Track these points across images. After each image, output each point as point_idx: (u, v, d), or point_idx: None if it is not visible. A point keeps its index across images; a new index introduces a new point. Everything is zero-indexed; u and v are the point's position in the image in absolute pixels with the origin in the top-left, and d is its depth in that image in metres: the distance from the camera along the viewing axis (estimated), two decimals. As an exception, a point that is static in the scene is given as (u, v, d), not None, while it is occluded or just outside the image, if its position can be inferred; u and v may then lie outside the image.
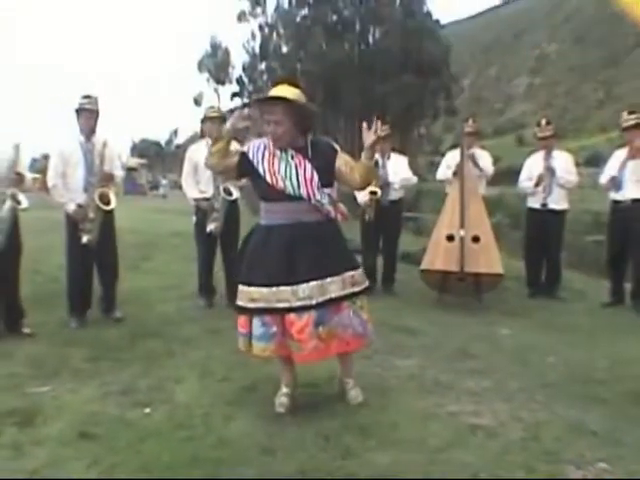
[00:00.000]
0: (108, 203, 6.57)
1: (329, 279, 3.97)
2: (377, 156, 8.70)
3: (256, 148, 4.13)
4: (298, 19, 49.41)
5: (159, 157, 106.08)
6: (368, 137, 4.00)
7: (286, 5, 50.39)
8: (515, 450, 3.58)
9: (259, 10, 52.15)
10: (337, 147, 4.26)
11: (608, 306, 8.25)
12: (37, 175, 6.91)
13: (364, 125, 4.08)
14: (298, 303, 3.90)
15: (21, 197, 5.96)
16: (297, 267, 3.94)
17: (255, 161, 4.08)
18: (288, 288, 3.92)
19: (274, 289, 3.94)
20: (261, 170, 4.04)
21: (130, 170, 40.31)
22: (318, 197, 4.02)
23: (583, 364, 5.50)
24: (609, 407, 4.43)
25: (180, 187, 9.08)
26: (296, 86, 4.09)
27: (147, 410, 4.15)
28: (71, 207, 6.47)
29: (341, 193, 5.80)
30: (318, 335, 3.90)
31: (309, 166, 4.01)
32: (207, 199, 7.32)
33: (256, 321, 4.02)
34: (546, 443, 3.69)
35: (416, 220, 22.35)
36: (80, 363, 5.21)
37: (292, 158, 4.03)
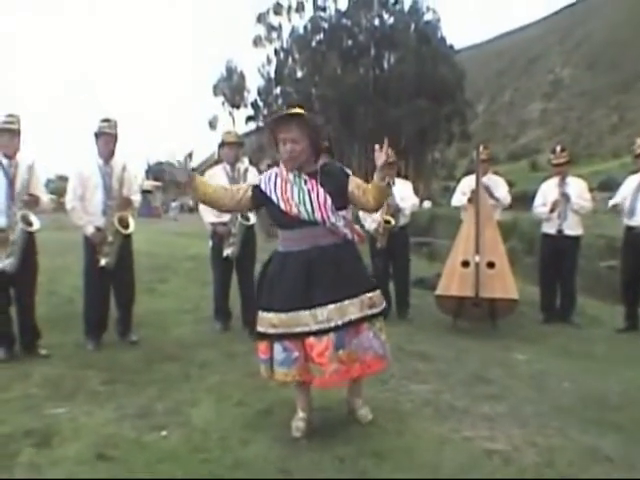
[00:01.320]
0: (127, 227, 6.61)
1: (347, 301, 3.97)
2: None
3: (267, 179, 4.17)
4: (313, 44, 49.76)
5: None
6: (379, 158, 3.99)
7: (301, 30, 50.77)
8: (530, 475, 3.58)
9: (275, 35, 52.60)
10: (349, 171, 4.29)
11: (623, 332, 8.22)
12: (53, 196, 6.95)
13: (376, 146, 4.09)
14: (317, 327, 3.91)
15: (33, 218, 6.01)
16: (315, 291, 3.95)
17: (268, 191, 4.11)
18: (307, 312, 3.93)
19: (293, 314, 3.95)
20: (274, 198, 4.07)
21: (145, 193, 40.47)
22: (333, 220, 4.03)
23: (598, 390, 5.48)
24: (623, 432, 4.41)
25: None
26: (309, 111, 4.15)
27: (164, 433, 4.16)
28: (90, 230, 6.51)
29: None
30: (339, 358, 3.90)
31: (322, 190, 4.02)
32: (224, 223, 7.34)
33: (277, 346, 4.01)
34: (561, 468, 3.68)
35: (430, 245, 22.33)
36: (96, 385, 5.24)
37: (305, 183, 4.06)
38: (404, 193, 8.74)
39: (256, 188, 4.19)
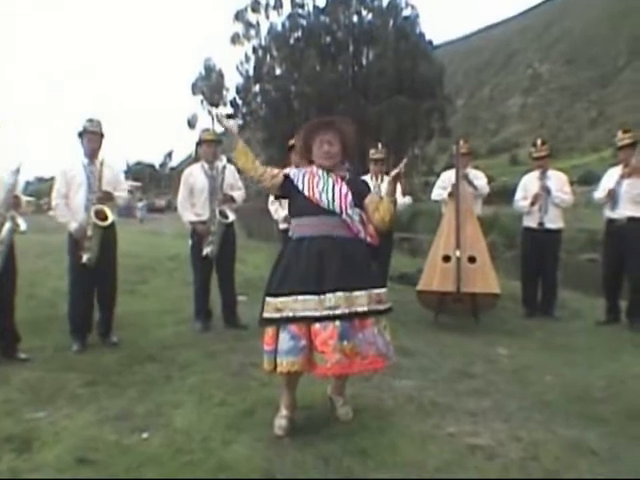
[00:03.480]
0: (105, 219, 6.56)
1: (356, 292, 4.01)
2: (373, 178, 8.77)
3: (297, 172, 4.36)
4: (292, 41, 49.60)
5: (153, 180, 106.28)
6: (392, 171, 4.26)
7: (280, 27, 50.59)
8: (515, 470, 3.58)
9: (253, 32, 52.28)
10: (370, 185, 4.62)
11: (604, 324, 8.27)
12: (31, 198, 6.90)
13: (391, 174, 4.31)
14: (324, 312, 3.92)
15: (20, 220, 5.96)
16: (325, 277, 3.99)
17: (296, 180, 4.28)
18: (315, 297, 3.95)
19: (300, 297, 3.96)
20: (300, 185, 4.24)
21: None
22: (350, 212, 4.17)
23: (581, 383, 5.49)
24: (608, 425, 4.41)
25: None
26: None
27: (145, 435, 4.12)
28: (73, 226, 6.48)
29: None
30: (342, 349, 3.90)
31: (345, 187, 4.23)
32: (203, 222, 7.31)
33: (284, 335, 3.98)
34: (546, 462, 3.69)
35: (411, 240, 22.36)
36: (77, 388, 5.17)
37: (330, 178, 4.26)
38: None
39: (286, 177, 4.32)
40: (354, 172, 4.48)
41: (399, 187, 9.03)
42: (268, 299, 4.10)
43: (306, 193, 4.19)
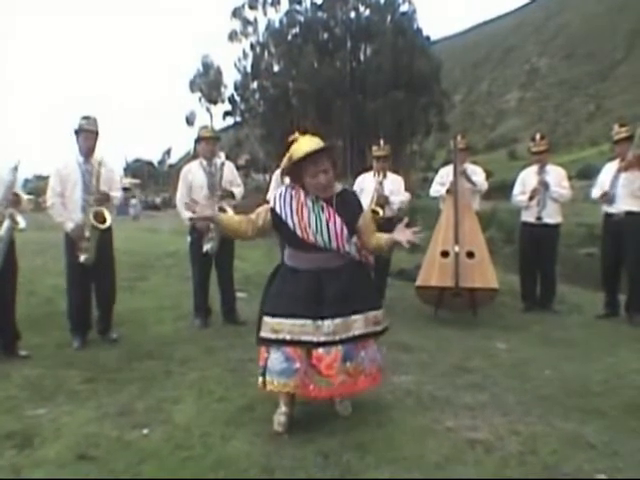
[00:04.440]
0: (103, 222, 6.56)
1: (353, 316, 4.02)
2: (376, 175, 8.77)
3: (282, 200, 4.12)
4: (289, 38, 49.61)
5: (152, 177, 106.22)
6: (401, 235, 4.05)
7: (277, 24, 50.58)
8: (513, 464, 3.58)
9: (250, 29, 52.31)
10: (363, 205, 4.35)
11: (602, 318, 8.27)
12: (31, 196, 6.89)
13: (401, 226, 4.13)
14: (322, 338, 3.92)
15: (19, 218, 5.96)
16: (323, 302, 3.97)
17: (283, 215, 4.07)
18: (312, 322, 3.94)
19: (298, 321, 3.95)
20: (291, 224, 4.04)
21: (124, 190, 40.17)
22: (347, 249, 4.09)
23: (579, 377, 5.50)
24: (606, 419, 4.42)
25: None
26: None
27: (145, 431, 4.12)
28: (69, 226, 6.47)
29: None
30: (346, 370, 3.96)
31: (339, 220, 4.03)
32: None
33: (277, 355, 3.98)
34: (544, 456, 3.69)
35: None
36: (77, 385, 5.18)
37: (322, 211, 4.04)
38: (394, 187, 8.76)
39: (273, 212, 4.13)
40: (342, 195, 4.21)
41: (402, 184, 9.10)
42: (265, 318, 4.08)
43: (299, 234, 4.03)
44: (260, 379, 4.10)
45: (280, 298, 4.07)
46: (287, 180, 4.18)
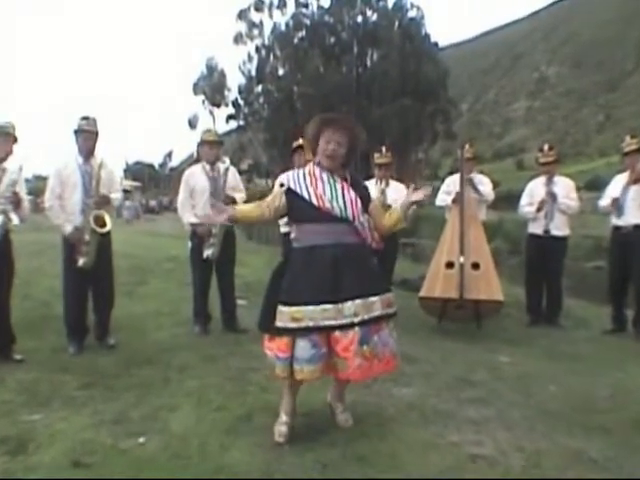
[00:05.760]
0: (103, 225, 6.50)
1: (372, 298, 4.03)
2: (378, 183, 8.71)
3: (296, 177, 4.23)
4: (295, 41, 49.52)
5: (153, 180, 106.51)
6: (415, 195, 4.27)
7: (283, 27, 50.53)
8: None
9: (256, 32, 52.23)
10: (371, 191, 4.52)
11: (609, 333, 8.20)
12: (30, 197, 6.85)
13: (412, 186, 4.40)
14: (344, 321, 3.93)
15: (12, 215, 5.91)
16: (342, 285, 3.98)
17: (298, 189, 4.16)
18: (333, 306, 3.94)
19: (319, 307, 3.94)
20: (306, 195, 4.13)
21: (124, 193, 40.10)
22: (362, 220, 4.17)
23: (585, 392, 5.45)
24: (611, 436, 4.38)
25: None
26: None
27: (141, 439, 4.08)
28: (68, 229, 6.41)
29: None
30: (362, 353, 3.94)
31: (353, 192, 4.17)
32: (204, 224, 7.23)
33: (304, 343, 3.96)
34: (547, 472, 3.67)
35: (414, 246, 22.31)
36: (73, 391, 5.13)
37: (337, 182, 4.17)
38: (397, 195, 8.68)
39: (288, 190, 4.20)
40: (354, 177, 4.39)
41: (405, 190, 9.01)
42: (281, 308, 4.03)
43: (315, 202, 4.08)
44: (280, 369, 4.05)
45: (296, 285, 4.04)
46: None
